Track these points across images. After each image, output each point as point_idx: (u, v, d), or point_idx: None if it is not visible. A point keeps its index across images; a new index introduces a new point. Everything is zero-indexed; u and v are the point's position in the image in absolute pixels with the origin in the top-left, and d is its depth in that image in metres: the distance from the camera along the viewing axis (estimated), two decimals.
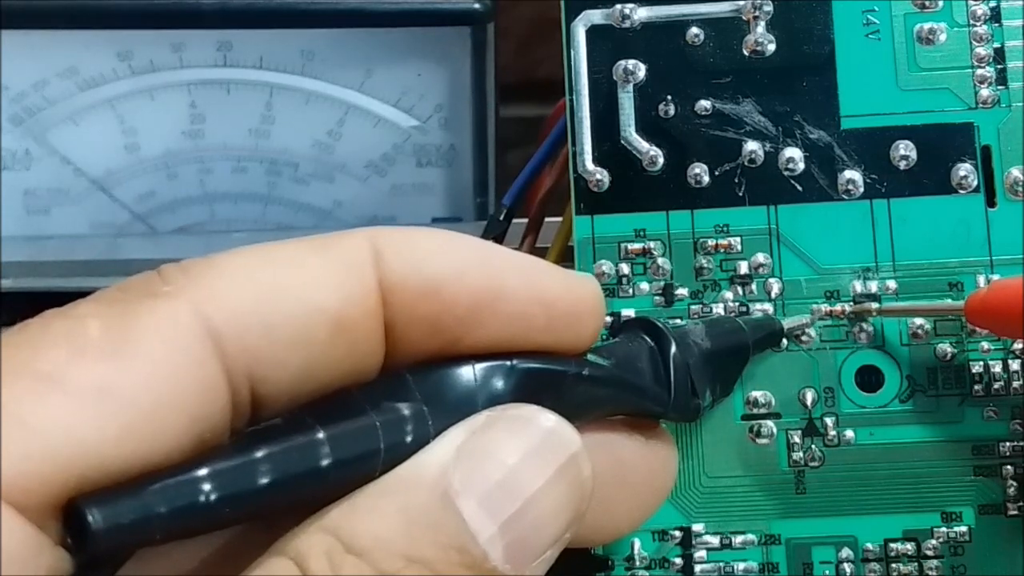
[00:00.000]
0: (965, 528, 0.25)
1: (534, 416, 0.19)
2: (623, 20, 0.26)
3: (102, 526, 0.16)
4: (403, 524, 0.17)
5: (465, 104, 0.36)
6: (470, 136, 0.36)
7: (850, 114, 0.26)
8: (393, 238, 0.19)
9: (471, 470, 0.18)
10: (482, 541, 0.18)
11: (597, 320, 0.21)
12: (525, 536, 0.18)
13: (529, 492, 0.18)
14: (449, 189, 0.37)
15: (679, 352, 0.22)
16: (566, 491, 0.19)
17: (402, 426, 0.18)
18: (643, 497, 0.23)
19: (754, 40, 0.26)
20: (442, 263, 0.19)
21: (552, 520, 0.19)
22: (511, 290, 0.19)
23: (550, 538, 0.19)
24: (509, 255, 0.20)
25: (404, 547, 0.17)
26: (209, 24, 0.34)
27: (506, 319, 0.19)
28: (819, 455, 0.25)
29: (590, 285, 0.21)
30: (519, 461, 0.18)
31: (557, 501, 0.19)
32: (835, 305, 0.26)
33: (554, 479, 0.19)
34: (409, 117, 0.36)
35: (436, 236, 0.19)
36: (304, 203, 0.37)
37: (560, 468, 0.19)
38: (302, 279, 0.18)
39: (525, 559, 0.18)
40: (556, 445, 0.19)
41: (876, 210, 0.26)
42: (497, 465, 0.18)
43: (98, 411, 0.16)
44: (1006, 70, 0.26)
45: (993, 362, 0.25)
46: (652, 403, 0.22)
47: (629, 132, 0.26)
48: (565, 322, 0.20)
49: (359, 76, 0.35)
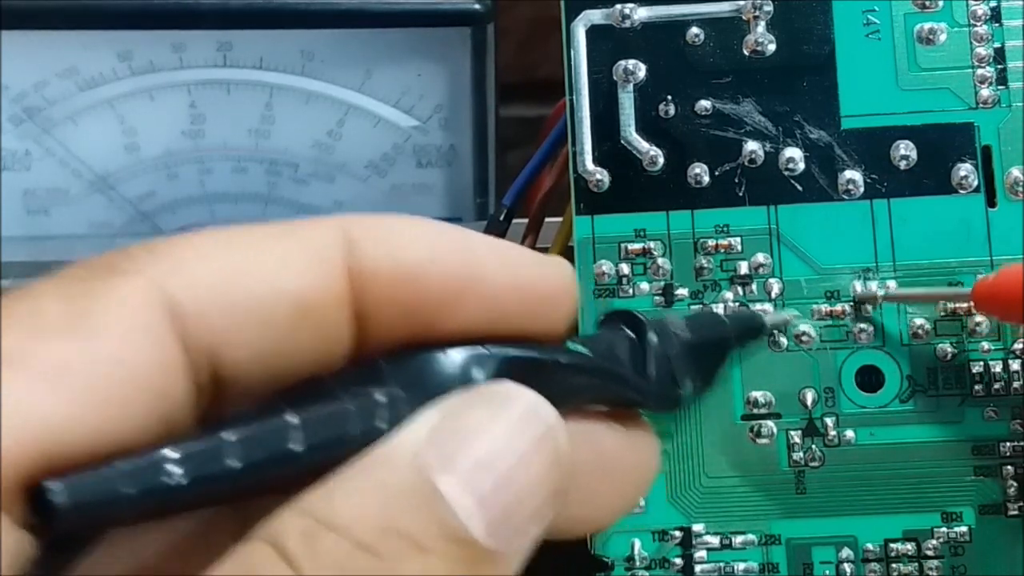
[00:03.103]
0: (965, 528, 0.25)
1: (509, 391, 0.19)
2: (623, 20, 0.26)
3: (66, 503, 0.15)
4: (380, 501, 0.17)
5: (465, 104, 0.36)
6: (470, 136, 0.36)
7: (850, 114, 0.26)
8: (366, 224, 0.19)
9: (447, 447, 0.18)
10: (462, 515, 0.18)
11: (570, 302, 0.21)
12: (506, 510, 0.18)
13: (507, 466, 0.18)
14: (449, 189, 0.37)
15: (659, 343, 0.22)
16: (545, 465, 0.19)
17: (376, 411, 0.18)
18: (625, 488, 0.22)
19: (754, 40, 0.26)
20: (416, 249, 0.19)
21: (532, 494, 0.19)
22: (486, 275, 0.19)
23: (532, 513, 0.19)
24: (483, 239, 0.20)
25: (383, 522, 0.17)
26: (209, 24, 0.34)
27: (481, 304, 0.19)
28: (819, 455, 0.25)
29: (563, 266, 0.21)
30: (495, 436, 0.18)
31: (536, 475, 0.19)
32: (835, 305, 0.26)
33: (532, 453, 0.19)
34: (409, 117, 0.36)
35: (410, 222, 0.19)
36: (304, 203, 0.37)
37: (537, 442, 0.19)
38: (266, 261, 0.18)
39: (508, 534, 0.18)
40: (532, 419, 0.19)
41: (876, 210, 0.26)
42: (473, 441, 0.18)
43: (58, 389, 0.16)
44: (1006, 70, 0.26)
45: (993, 362, 0.25)
46: (633, 392, 0.22)
47: (629, 132, 0.26)
48: (540, 306, 0.20)
49: (359, 76, 0.35)
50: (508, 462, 0.18)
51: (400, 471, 0.17)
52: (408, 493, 0.17)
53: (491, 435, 0.18)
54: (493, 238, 0.20)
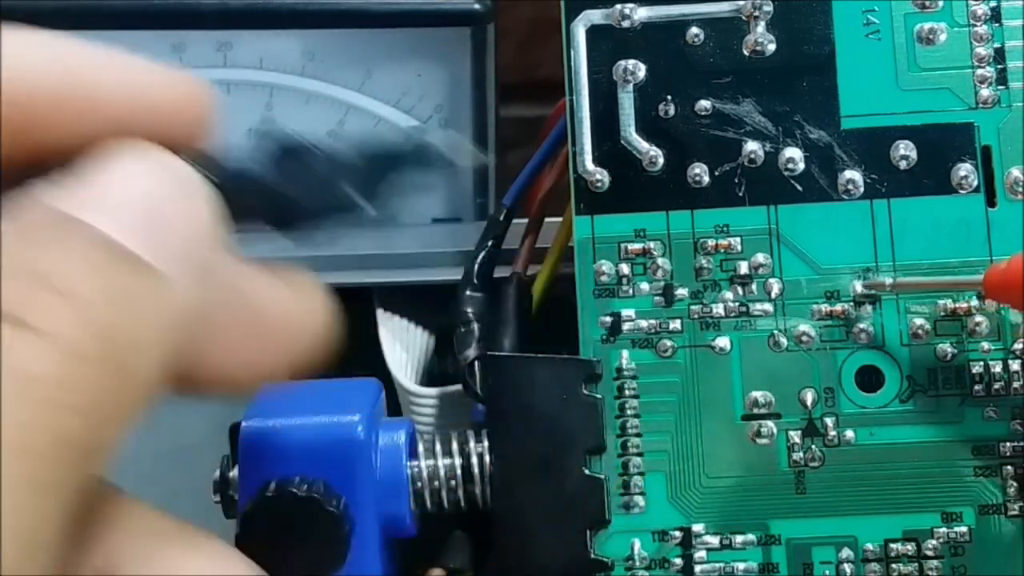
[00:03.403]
0: (965, 528, 0.25)
1: (127, 142, 0.19)
2: (623, 20, 0.26)
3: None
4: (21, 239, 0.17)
5: (465, 104, 0.36)
6: (470, 136, 0.36)
7: (850, 114, 0.26)
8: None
9: (81, 188, 0.18)
10: (118, 238, 0.18)
11: (205, 115, 0.21)
12: (159, 235, 0.18)
13: (148, 199, 0.19)
14: (449, 189, 0.37)
15: (314, 159, 0.23)
16: (187, 197, 0.19)
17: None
18: (289, 341, 0.22)
19: (754, 40, 0.26)
20: (12, 67, 0.19)
21: (181, 223, 0.19)
22: (102, 89, 0.19)
23: (186, 240, 0.19)
24: (100, 53, 0.20)
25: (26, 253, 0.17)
26: (209, 24, 0.34)
27: (101, 118, 0.19)
28: (819, 455, 0.25)
29: (191, 79, 0.21)
30: (129, 176, 0.19)
31: (181, 205, 0.19)
32: (835, 305, 0.26)
33: (171, 189, 0.19)
34: (409, 117, 0.36)
35: (9, 39, 0.19)
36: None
37: (173, 179, 0.19)
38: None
39: (168, 256, 0.18)
40: (162, 161, 0.19)
41: (876, 210, 0.26)
42: (105, 182, 0.18)
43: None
44: (1006, 70, 0.26)
45: (993, 362, 0.25)
46: (286, 207, 0.22)
47: (629, 132, 0.26)
48: (172, 120, 0.20)
49: (359, 76, 0.35)
50: (147, 197, 0.19)
51: (38, 213, 0.17)
52: (55, 229, 0.17)
53: (124, 176, 0.19)
54: (116, 52, 0.20)
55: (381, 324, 0.31)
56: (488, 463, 0.25)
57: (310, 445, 0.24)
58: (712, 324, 0.26)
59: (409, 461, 0.25)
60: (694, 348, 0.26)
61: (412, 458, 0.25)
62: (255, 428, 0.24)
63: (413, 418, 0.29)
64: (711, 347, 0.26)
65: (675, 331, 0.26)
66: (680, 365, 0.26)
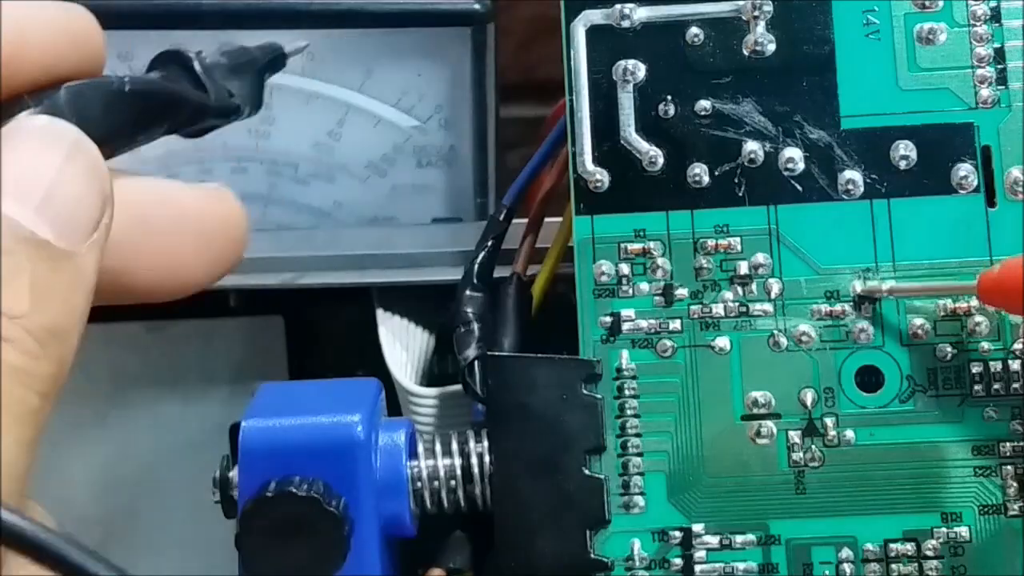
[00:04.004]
0: (965, 528, 0.25)
1: (23, 123, 0.22)
2: (623, 20, 0.26)
3: None
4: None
5: (465, 104, 0.36)
6: (470, 136, 0.36)
7: (850, 114, 0.26)
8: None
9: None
10: (25, 221, 0.21)
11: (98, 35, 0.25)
12: (64, 214, 0.21)
13: (49, 179, 0.21)
14: (449, 189, 0.37)
15: (200, 65, 0.26)
16: (83, 172, 0.22)
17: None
18: (212, 242, 0.26)
19: (754, 40, 0.26)
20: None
21: (82, 199, 0.22)
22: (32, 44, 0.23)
23: (89, 217, 0.22)
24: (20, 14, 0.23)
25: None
26: (209, 24, 0.34)
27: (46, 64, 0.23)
28: (819, 455, 0.25)
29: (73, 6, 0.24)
30: (27, 158, 0.22)
31: (78, 182, 0.22)
32: (835, 305, 0.26)
33: (67, 164, 0.22)
34: (409, 117, 0.36)
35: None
36: (304, 203, 0.37)
37: (68, 155, 0.22)
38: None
39: (74, 235, 0.22)
40: (56, 137, 0.22)
41: (876, 210, 0.26)
42: (9, 165, 0.21)
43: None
44: (1006, 70, 0.26)
45: (993, 362, 0.25)
46: (194, 105, 0.25)
47: (629, 132, 0.26)
48: (88, 48, 0.24)
49: (359, 76, 0.35)
50: (48, 176, 0.22)
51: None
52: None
53: (24, 158, 0.22)
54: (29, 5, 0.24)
55: (381, 324, 0.31)
56: (488, 463, 0.25)
57: (310, 445, 0.24)
58: (712, 324, 0.26)
59: (409, 461, 0.25)
60: (694, 348, 0.26)
61: (412, 458, 0.25)
62: (255, 428, 0.24)
63: (413, 418, 0.29)
64: (711, 347, 0.26)
65: (675, 331, 0.26)
66: (680, 365, 0.26)
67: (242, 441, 0.24)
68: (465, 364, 0.27)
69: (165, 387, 0.34)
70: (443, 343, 0.33)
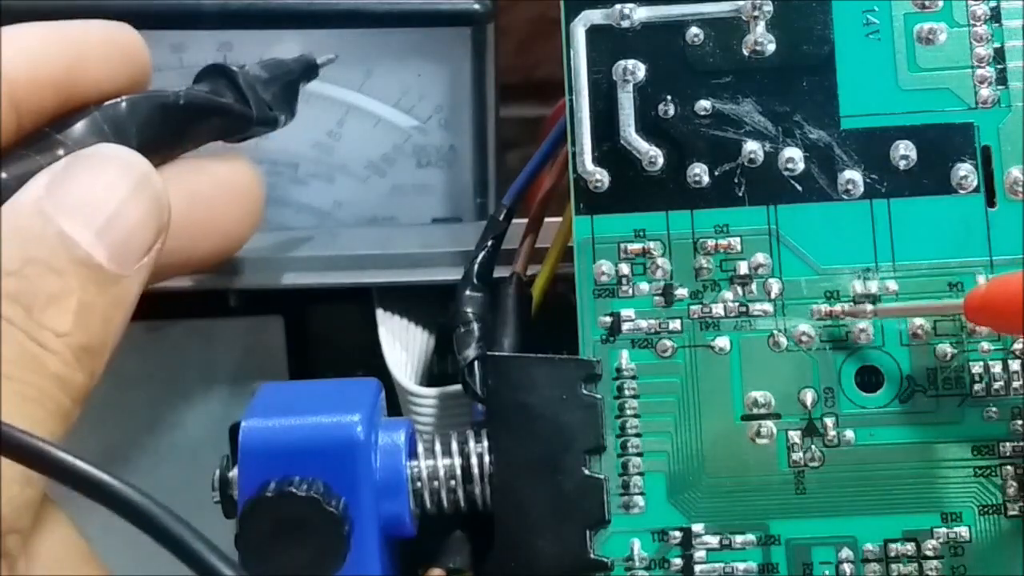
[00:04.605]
0: (965, 528, 0.25)
1: (103, 149, 0.24)
2: (623, 20, 0.26)
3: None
4: (15, 238, 0.22)
5: (465, 104, 0.36)
6: (470, 136, 0.36)
7: (850, 114, 0.26)
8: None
9: (60, 196, 0.23)
10: (84, 244, 0.23)
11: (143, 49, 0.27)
12: (121, 241, 0.23)
13: (113, 206, 0.23)
14: (449, 189, 0.37)
15: (244, 79, 0.28)
16: (145, 203, 0.24)
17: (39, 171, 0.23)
18: (234, 219, 0.29)
19: (754, 40, 0.26)
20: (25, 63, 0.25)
21: (140, 228, 0.24)
22: (91, 61, 0.26)
23: (143, 244, 0.24)
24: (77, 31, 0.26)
25: (20, 253, 0.22)
26: (209, 24, 0.34)
27: (104, 78, 0.26)
28: (819, 455, 0.25)
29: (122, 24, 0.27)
30: (99, 183, 0.24)
31: (140, 211, 0.24)
32: (835, 305, 0.26)
33: (133, 194, 0.24)
34: (409, 117, 0.36)
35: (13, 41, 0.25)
36: (304, 203, 0.37)
37: (135, 185, 0.24)
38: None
39: (125, 260, 0.23)
40: (127, 168, 0.24)
41: (876, 210, 0.26)
42: (81, 189, 0.23)
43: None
44: (1006, 70, 0.26)
45: (993, 362, 0.25)
46: (240, 116, 0.28)
47: (629, 132, 0.26)
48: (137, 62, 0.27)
49: (359, 76, 0.35)
50: (113, 204, 0.23)
51: (26, 216, 0.23)
52: (38, 232, 0.22)
53: (95, 184, 0.23)
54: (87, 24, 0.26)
55: (381, 324, 0.31)
56: (488, 463, 0.25)
57: (310, 445, 0.24)
58: (712, 324, 0.26)
59: (409, 461, 0.25)
60: (694, 348, 0.26)
61: (412, 458, 0.25)
62: (255, 428, 0.24)
63: (413, 418, 0.29)
64: (711, 347, 0.26)
65: (675, 331, 0.26)
66: (680, 365, 0.26)
67: (242, 441, 0.24)
68: (465, 364, 0.27)
69: (165, 387, 0.34)
70: (443, 343, 0.33)
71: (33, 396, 0.22)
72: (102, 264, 0.23)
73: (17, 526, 0.22)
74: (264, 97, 0.29)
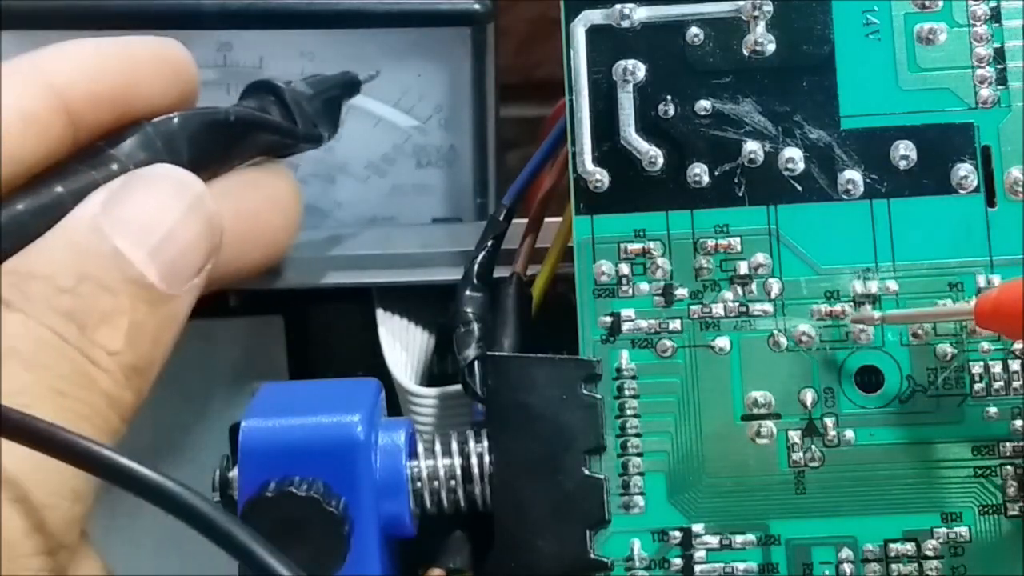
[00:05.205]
0: (965, 528, 0.25)
1: (159, 169, 0.25)
2: (623, 20, 0.26)
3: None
4: (70, 255, 0.23)
5: (465, 104, 0.36)
6: (470, 136, 0.36)
7: (850, 114, 0.26)
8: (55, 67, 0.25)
9: (116, 214, 0.23)
10: (137, 263, 0.23)
11: (191, 66, 0.27)
12: (173, 261, 0.24)
13: (167, 227, 0.24)
14: (449, 189, 0.37)
15: (290, 95, 0.29)
16: (198, 224, 0.24)
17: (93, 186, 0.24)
18: (287, 214, 0.29)
19: (754, 40, 0.26)
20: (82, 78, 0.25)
21: (192, 248, 0.24)
22: (143, 77, 0.26)
23: (195, 264, 0.24)
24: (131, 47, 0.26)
25: (76, 271, 0.22)
26: (209, 24, 0.34)
27: (156, 93, 0.26)
28: (819, 455, 0.25)
29: (172, 44, 0.27)
30: (154, 203, 0.24)
31: (193, 232, 0.24)
32: (835, 305, 0.26)
33: (186, 215, 0.24)
34: (409, 117, 0.36)
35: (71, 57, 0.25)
36: (304, 203, 0.37)
37: (189, 206, 0.24)
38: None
39: (176, 280, 0.24)
40: (182, 189, 0.24)
41: (876, 210, 0.26)
42: (136, 208, 0.23)
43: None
44: (1006, 70, 0.26)
45: (993, 362, 0.25)
46: (288, 135, 0.28)
47: (629, 132, 0.26)
48: (186, 78, 0.27)
49: None
50: (167, 224, 0.24)
51: (82, 233, 0.23)
52: (93, 249, 0.23)
53: (151, 203, 0.24)
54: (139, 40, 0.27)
55: (381, 324, 0.31)
56: (488, 463, 0.25)
57: (310, 445, 0.24)
58: (712, 324, 0.26)
59: (409, 461, 0.25)
60: (694, 348, 0.26)
61: (412, 458, 0.25)
62: (255, 428, 0.24)
63: (413, 418, 0.29)
64: (711, 347, 0.26)
65: (675, 331, 0.26)
66: (680, 365, 0.26)
67: (242, 441, 0.24)
68: (465, 364, 0.27)
69: (165, 387, 0.34)
70: (443, 343, 0.33)
71: (85, 414, 0.22)
72: (154, 284, 0.23)
73: (66, 541, 0.22)
74: (308, 112, 0.29)
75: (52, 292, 0.22)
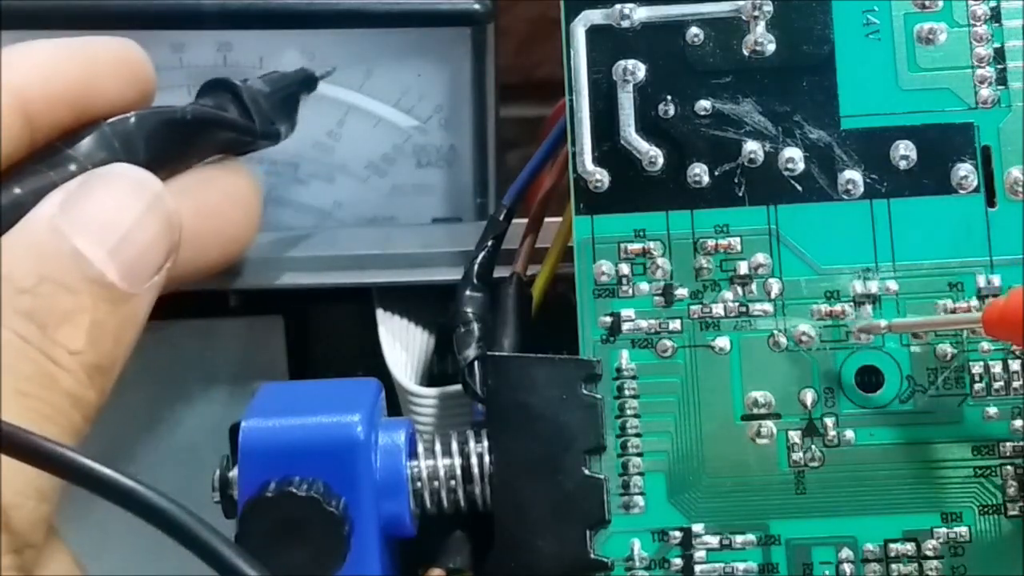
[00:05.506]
0: (965, 528, 0.25)
1: (117, 169, 0.25)
2: (623, 20, 0.26)
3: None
4: (30, 255, 0.23)
5: (465, 104, 0.36)
6: (470, 136, 0.36)
7: (850, 114, 0.26)
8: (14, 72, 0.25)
9: (74, 214, 0.23)
10: (97, 262, 0.23)
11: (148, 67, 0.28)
12: (132, 260, 0.24)
13: (126, 226, 0.24)
14: (449, 189, 0.37)
15: (247, 93, 0.29)
16: (157, 223, 0.24)
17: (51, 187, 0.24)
18: (238, 225, 0.29)
19: (754, 40, 0.26)
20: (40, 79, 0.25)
21: (152, 247, 0.24)
22: (101, 78, 0.26)
23: (154, 263, 0.24)
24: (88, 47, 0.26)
25: (34, 270, 0.22)
26: (209, 24, 0.34)
27: (114, 93, 0.26)
28: (819, 455, 0.25)
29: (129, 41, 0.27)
30: (113, 203, 0.24)
31: (152, 231, 0.24)
32: (835, 305, 0.26)
33: (145, 214, 0.24)
34: (409, 117, 0.36)
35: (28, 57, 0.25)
36: (304, 203, 0.37)
37: (148, 205, 0.24)
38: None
39: (137, 279, 0.24)
40: (140, 188, 0.24)
41: (876, 210, 0.26)
42: (95, 208, 0.24)
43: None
44: (1006, 70, 0.26)
45: (993, 362, 0.25)
46: (244, 131, 0.28)
47: (629, 132, 0.26)
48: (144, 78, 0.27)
49: (359, 76, 0.35)
50: (126, 223, 0.24)
51: (41, 233, 0.23)
52: (53, 250, 0.23)
53: (109, 203, 0.24)
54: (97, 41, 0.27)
55: (381, 324, 0.31)
56: (488, 463, 0.25)
57: (310, 445, 0.24)
58: (712, 324, 0.26)
59: (409, 461, 0.25)
60: (694, 348, 0.26)
61: (412, 458, 0.25)
62: (255, 428, 0.24)
63: (413, 418, 0.29)
64: (711, 347, 0.26)
65: (675, 331, 0.26)
66: (680, 365, 0.26)
67: (242, 441, 0.24)
68: (465, 364, 0.27)
69: (165, 387, 0.34)
70: (443, 343, 0.33)
71: (47, 413, 0.22)
72: (114, 283, 0.23)
73: (32, 540, 0.22)
74: (266, 110, 0.29)
75: (12, 293, 0.22)
